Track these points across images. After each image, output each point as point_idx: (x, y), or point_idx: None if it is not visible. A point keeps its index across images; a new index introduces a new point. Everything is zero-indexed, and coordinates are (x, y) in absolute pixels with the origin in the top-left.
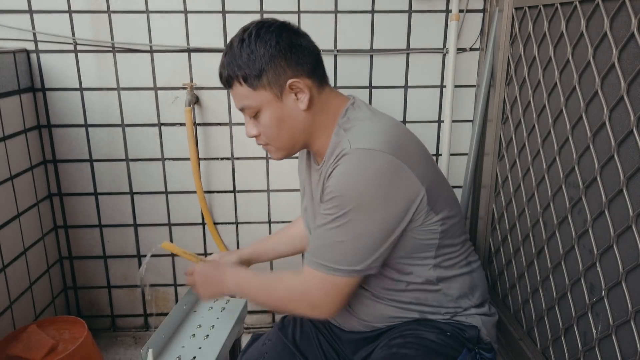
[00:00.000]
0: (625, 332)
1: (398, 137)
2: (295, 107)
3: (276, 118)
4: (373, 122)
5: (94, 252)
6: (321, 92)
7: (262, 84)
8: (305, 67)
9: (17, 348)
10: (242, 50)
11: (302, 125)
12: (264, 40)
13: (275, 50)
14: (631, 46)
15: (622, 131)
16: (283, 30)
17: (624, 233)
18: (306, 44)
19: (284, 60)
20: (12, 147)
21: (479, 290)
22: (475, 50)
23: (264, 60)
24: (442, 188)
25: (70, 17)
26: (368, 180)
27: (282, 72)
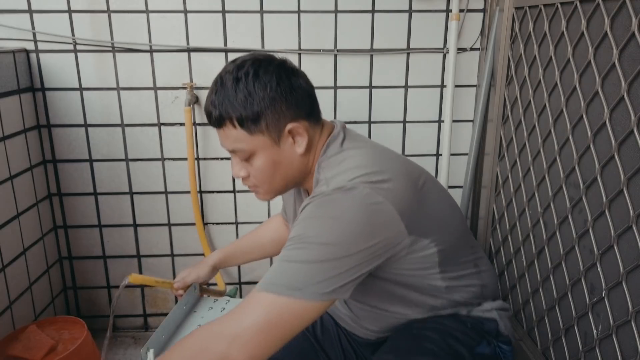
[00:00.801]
0: (625, 332)
1: (376, 165)
2: (292, 151)
3: (271, 163)
4: (351, 153)
5: (93, 252)
6: (316, 132)
7: (259, 128)
8: (304, 109)
9: (17, 348)
10: (238, 91)
11: (298, 168)
12: (263, 81)
13: (276, 94)
14: (632, 46)
15: (623, 131)
16: (282, 71)
17: (625, 233)
18: (304, 84)
19: (285, 104)
20: (11, 147)
21: (491, 288)
22: (476, 50)
23: (263, 103)
24: (437, 208)
25: (69, 17)
26: (342, 216)
27: (282, 117)
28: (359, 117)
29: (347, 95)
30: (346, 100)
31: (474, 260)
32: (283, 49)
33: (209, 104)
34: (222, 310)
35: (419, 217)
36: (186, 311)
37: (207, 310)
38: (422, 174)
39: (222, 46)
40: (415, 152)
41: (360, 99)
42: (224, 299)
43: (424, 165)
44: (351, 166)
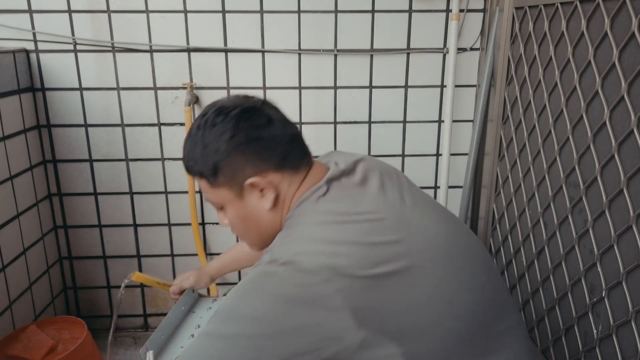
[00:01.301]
0: (625, 332)
1: (336, 234)
2: (259, 206)
3: (239, 217)
4: (312, 218)
5: (93, 252)
6: (292, 183)
7: (218, 182)
8: (272, 160)
9: (17, 348)
10: (197, 143)
11: (270, 223)
12: (219, 132)
13: (230, 145)
14: (632, 46)
15: (623, 131)
16: (243, 118)
17: (625, 233)
18: (274, 132)
19: (241, 156)
20: (11, 147)
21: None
22: (476, 50)
23: (217, 156)
24: (414, 302)
25: (70, 17)
26: (271, 291)
27: (240, 170)
28: (359, 117)
29: (347, 95)
30: (346, 100)
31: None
32: (283, 49)
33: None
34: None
35: (377, 309)
36: (185, 312)
37: (205, 310)
38: (411, 254)
39: (222, 46)
40: (415, 152)
41: (360, 99)
42: (222, 300)
43: (424, 165)
44: (304, 235)
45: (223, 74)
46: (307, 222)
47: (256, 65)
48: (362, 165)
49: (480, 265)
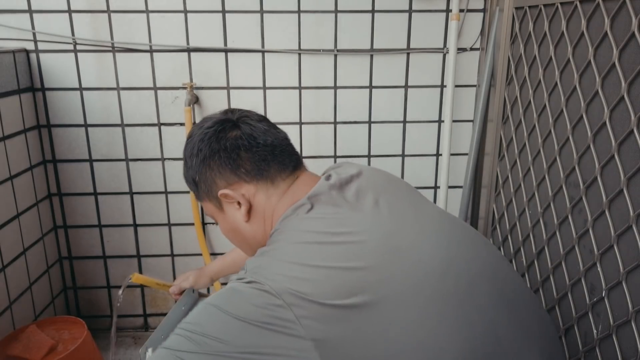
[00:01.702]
0: (625, 332)
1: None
2: (239, 217)
3: (226, 228)
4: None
5: (93, 252)
6: (272, 196)
7: (201, 196)
8: (240, 171)
9: (17, 348)
10: (184, 159)
11: (253, 235)
12: (190, 147)
13: (199, 160)
14: (632, 46)
15: (623, 131)
16: (209, 133)
17: (625, 233)
18: (241, 144)
19: (209, 170)
20: (11, 147)
21: None
22: (476, 50)
23: (192, 171)
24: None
25: (69, 17)
26: (234, 312)
27: (211, 184)
28: (359, 117)
29: (347, 95)
30: (346, 100)
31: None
32: (283, 49)
33: None
34: None
35: (344, 345)
36: (185, 311)
37: None
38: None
39: (222, 46)
40: (415, 152)
41: (360, 99)
42: None
43: (424, 165)
44: (277, 255)
45: (223, 74)
46: (285, 240)
47: (256, 65)
48: (360, 180)
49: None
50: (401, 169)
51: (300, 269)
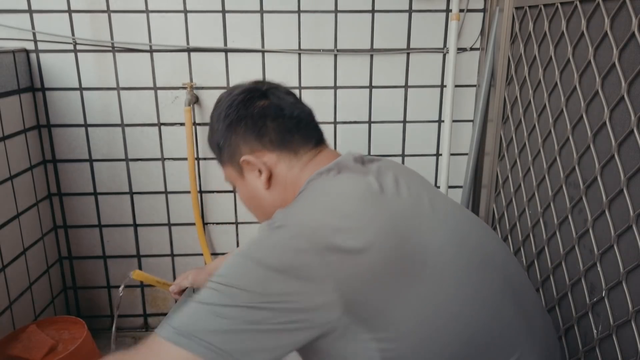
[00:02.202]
0: (625, 332)
1: (344, 209)
2: (259, 185)
3: (244, 195)
4: (326, 193)
5: (93, 252)
6: (293, 165)
7: (224, 160)
8: (264, 139)
9: (17, 348)
10: (210, 123)
11: (271, 202)
12: (218, 111)
13: (225, 125)
14: (632, 46)
15: (623, 131)
16: (238, 100)
17: (625, 233)
18: (269, 113)
19: (234, 135)
20: (11, 147)
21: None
22: (476, 50)
23: (218, 135)
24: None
25: (69, 17)
26: (259, 258)
27: (235, 149)
28: (359, 117)
29: (347, 95)
30: (346, 100)
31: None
32: (283, 49)
33: None
34: None
35: (368, 297)
36: None
37: None
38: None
39: (222, 46)
40: (415, 152)
41: (360, 99)
42: None
43: (424, 165)
44: (308, 203)
45: (223, 74)
46: (316, 193)
47: (256, 65)
48: (380, 162)
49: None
50: None
51: (333, 216)
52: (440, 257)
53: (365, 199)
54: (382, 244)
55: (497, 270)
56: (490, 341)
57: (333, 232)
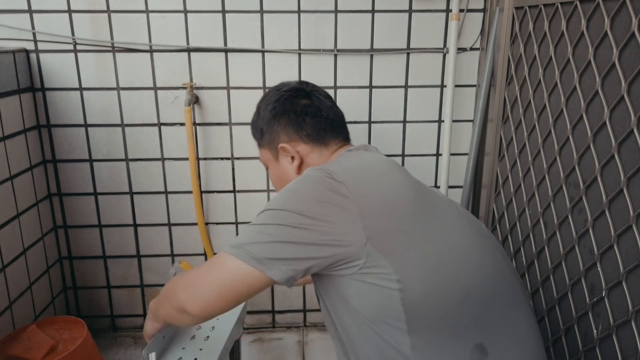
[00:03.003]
0: (625, 332)
1: (367, 169)
2: (290, 169)
3: (275, 176)
4: (352, 157)
5: (93, 252)
6: (321, 154)
7: (263, 143)
8: (302, 132)
9: (17, 348)
10: (256, 112)
11: None
12: (267, 102)
13: (270, 114)
14: (632, 46)
15: (623, 131)
16: (285, 95)
17: (625, 233)
18: (309, 110)
19: (277, 125)
20: (11, 147)
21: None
22: (476, 50)
23: (263, 122)
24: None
25: (69, 17)
26: (300, 188)
27: (275, 136)
28: (359, 117)
29: (347, 95)
30: (346, 100)
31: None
32: (283, 49)
33: None
34: (207, 339)
35: (387, 234)
36: (165, 341)
37: (188, 339)
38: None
39: (222, 46)
40: (415, 152)
41: (361, 98)
42: (207, 326)
43: (424, 165)
44: (334, 164)
45: (223, 74)
46: (337, 162)
47: (256, 65)
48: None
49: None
50: None
51: (356, 173)
52: (447, 217)
53: (388, 163)
54: (401, 193)
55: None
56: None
57: (364, 177)
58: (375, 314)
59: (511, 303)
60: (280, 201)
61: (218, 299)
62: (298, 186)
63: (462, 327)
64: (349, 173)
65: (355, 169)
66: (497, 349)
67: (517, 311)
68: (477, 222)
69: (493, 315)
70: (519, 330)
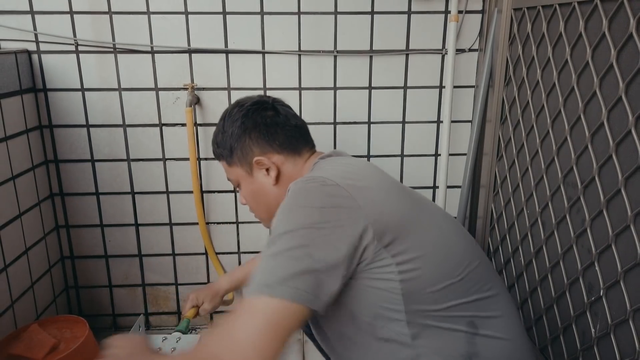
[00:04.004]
0: (623, 331)
1: (352, 171)
2: (267, 182)
3: (250, 192)
4: (327, 164)
5: (95, 251)
6: (295, 164)
7: (234, 161)
8: (274, 144)
9: (19, 347)
10: (219, 130)
11: (275, 198)
12: (232, 119)
13: (240, 130)
14: (629, 47)
15: (621, 131)
16: (251, 110)
17: (623, 233)
18: (278, 121)
19: (249, 139)
20: (14, 147)
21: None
22: (474, 51)
23: (232, 139)
24: (417, 227)
25: (71, 18)
26: (299, 203)
27: (248, 150)
28: (359, 118)
29: (346, 96)
30: (346, 101)
31: (468, 317)
32: (283, 50)
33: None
34: (173, 351)
35: (387, 224)
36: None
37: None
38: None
39: (222, 47)
40: (414, 152)
41: (360, 99)
42: (173, 337)
43: (423, 165)
44: (317, 172)
45: (224, 75)
46: (323, 169)
47: (257, 66)
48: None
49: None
50: (400, 169)
51: (345, 174)
52: (431, 208)
53: (365, 163)
54: (390, 185)
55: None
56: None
57: (352, 177)
58: (374, 312)
59: (487, 278)
60: (287, 221)
61: (272, 346)
62: (298, 201)
63: (455, 306)
64: (337, 175)
65: (342, 171)
66: (485, 324)
67: (493, 284)
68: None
69: (479, 292)
70: (499, 299)
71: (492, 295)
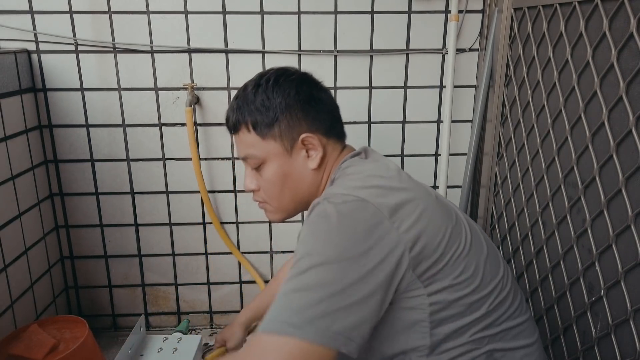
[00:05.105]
0: (624, 331)
1: (385, 185)
2: (304, 165)
3: (281, 173)
4: (362, 167)
5: (95, 251)
6: (334, 150)
7: (272, 133)
8: (323, 124)
9: (19, 347)
10: (257, 95)
11: (308, 185)
12: (282, 88)
13: (294, 101)
14: (630, 46)
15: (621, 131)
16: (304, 81)
17: (623, 233)
18: (326, 99)
19: (301, 112)
20: (13, 147)
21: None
22: (475, 51)
23: (279, 108)
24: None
25: (71, 18)
26: (330, 227)
27: (296, 125)
28: (359, 118)
29: (346, 96)
30: (346, 100)
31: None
32: (283, 49)
33: (229, 108)
34: (175, 352)
35: (425, 251)
36: (131, 356)
37: (156, 352)
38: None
39: (222, 47)
40: (415, 152)
41: (360, 99)
42: (174, 337)
43: (423, 165)
44: (359, 174)
45: (224, 75)
46: (351, 175)
47: (257, 66)
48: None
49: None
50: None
51: (380, 189)
52: (458, 214)
53: (400, 171)
54: (425, 197)
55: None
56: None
57: (387, 191)
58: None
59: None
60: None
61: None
62: (330, 226)
63: (478, 340)
64: (372, 192)
65: (377, 186)
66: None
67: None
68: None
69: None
70: (524, 328)
71: (517, 325)
